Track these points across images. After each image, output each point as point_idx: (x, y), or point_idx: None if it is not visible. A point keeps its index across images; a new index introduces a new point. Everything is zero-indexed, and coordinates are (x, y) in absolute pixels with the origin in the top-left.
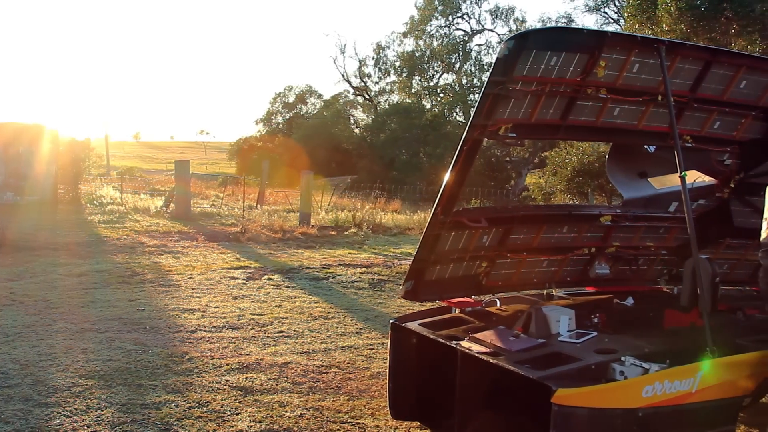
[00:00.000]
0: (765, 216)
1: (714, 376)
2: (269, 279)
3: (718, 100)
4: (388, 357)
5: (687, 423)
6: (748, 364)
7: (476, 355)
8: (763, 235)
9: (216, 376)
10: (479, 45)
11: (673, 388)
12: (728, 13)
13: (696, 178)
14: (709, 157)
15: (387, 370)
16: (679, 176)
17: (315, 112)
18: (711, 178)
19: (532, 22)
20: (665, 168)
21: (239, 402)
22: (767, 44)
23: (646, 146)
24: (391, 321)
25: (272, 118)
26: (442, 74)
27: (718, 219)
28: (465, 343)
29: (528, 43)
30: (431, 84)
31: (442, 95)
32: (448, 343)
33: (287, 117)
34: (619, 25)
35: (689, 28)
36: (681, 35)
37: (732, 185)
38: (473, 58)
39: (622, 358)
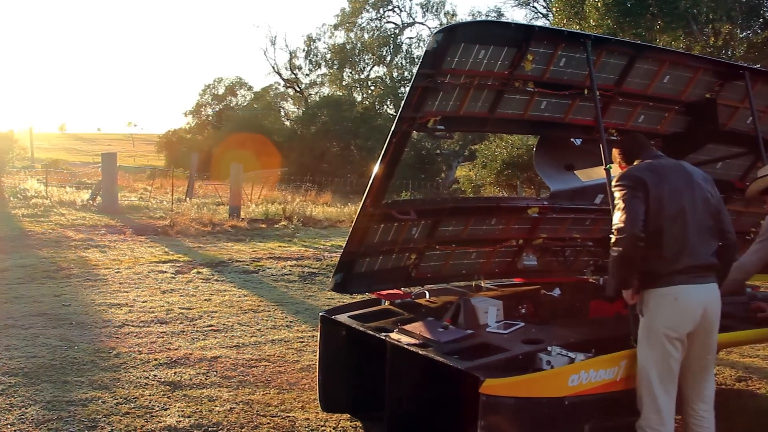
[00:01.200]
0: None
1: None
2: (198, 272)
3: (643, 95)
4: (318, 350)
5: (612, 410)
6: None
7: (405, 346)
8: (618, 224)
9: (144, 371)
10: (410, 38)
11: (598, 377)
12: (653, 10)
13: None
14: None
15: (317, 363)
16: (604, 169)
17: (245, 104)
18: None
19: (463, 16)
20: (591, 161)
21: (168, 397)
22: (691, 40)
23: (572, 139)
24: (320, 314)
25: (202, 110)
26: (373, 67)
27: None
28: (394, 335)
29: (456, 36)
30: (362, 76)
31: (373, 88)
32: (377, 335)
33: (217, 109)
34: (548, 20)
35: (616, 23)
36: (607, 30)
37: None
38: (404, 51)
39: (549, 348)
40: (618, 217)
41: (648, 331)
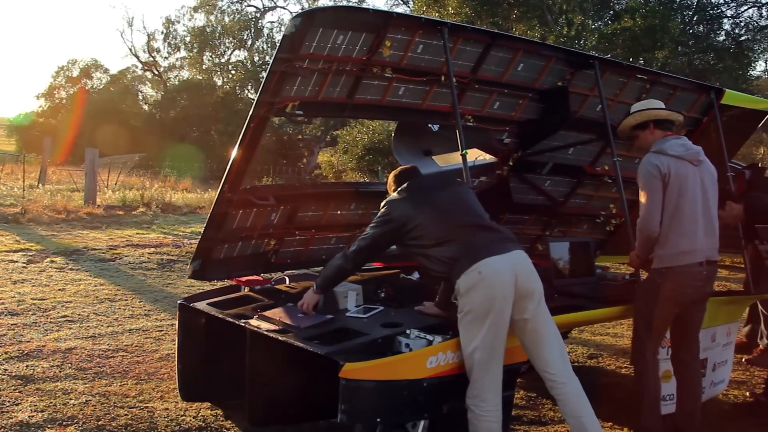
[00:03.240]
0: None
1: None
2: (52, 261)
3: (498, 82)
4: (177, 338)
5: None
6: None
7: (265, 333)
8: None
9: None
10: (271, 22)
11: (455, 358)
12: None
13: (477, 156)
14: (490, 136)
15: (176, 352)
16: (461, 154)
17: (101, 87)
18: (491, 156)
19: (325, 1)
20: (448, 146)
21: (19, 392)
22: (545, 30)
23: (430, 125)
24: (179, 301)
25: (55, 92)
26: (233, 51)
27: (499, 195)
28: (254, 322)
29: (315, 20)
30: (223, 60)
31: (233, 72)
32: (236, 322)
33: (71, 92)
34: (408, 7)
35: (473, 12)
36: (466, 18)
37: (511, 163)
38: (265, 35)
39: (407, 331)
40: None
41: (465, 314)
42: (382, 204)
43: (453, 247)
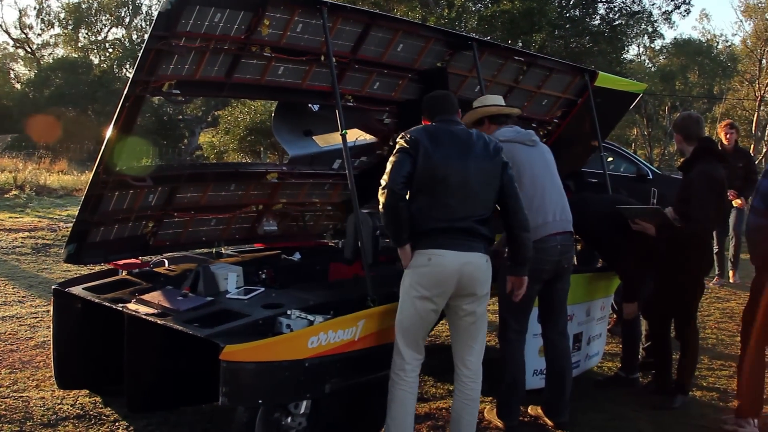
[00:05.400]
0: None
1: (374, 324)
2: None
3: (378, 62)
4: (52, 325)
5: (351, 369)
6: None
7: (143, 316)
8: (382, 180)
9: None
10: None
11: (337, 338)
12: None
13: (358, 136)
14: (370, 116)
15: (51, 339)
16: (341, 134)
17: None
18: (372, 137)
19: None
20: (329, 126)
21: None
22: (426, 11)
23: (310, 105)
24: (54, 287)
25: None
26: (111, 28)
27: (379, 175)
28: (132, 306)
29: None
30: (99, 38)
31: (111, 50)
32: (114, 306)
33: None
34: None
35: None
36: None
37: (391, 143)
38: (144, 12)
39: (288, 312)
40: (385, 174)
41: (403, 286)
42: (400, 135)
43: (428, 220)
